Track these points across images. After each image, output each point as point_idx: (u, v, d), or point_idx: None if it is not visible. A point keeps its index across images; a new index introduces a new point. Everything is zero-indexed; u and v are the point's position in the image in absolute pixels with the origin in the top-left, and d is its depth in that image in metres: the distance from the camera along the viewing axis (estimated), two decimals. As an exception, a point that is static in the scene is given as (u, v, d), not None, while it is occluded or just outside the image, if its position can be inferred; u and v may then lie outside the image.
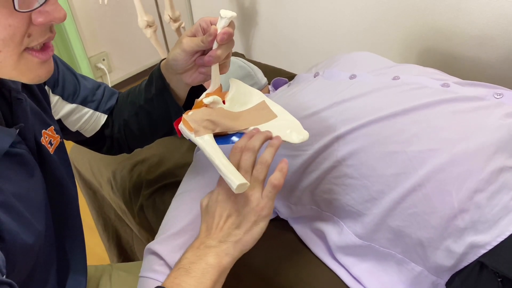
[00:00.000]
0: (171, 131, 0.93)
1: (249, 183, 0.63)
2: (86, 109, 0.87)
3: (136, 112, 0.88)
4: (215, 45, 0.70)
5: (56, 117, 0.83)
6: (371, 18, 1.81)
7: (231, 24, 0.69)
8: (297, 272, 0.90)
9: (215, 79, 0.75)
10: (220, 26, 0.68)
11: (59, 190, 0.73)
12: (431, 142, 0.75)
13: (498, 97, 0.81)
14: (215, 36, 0.68)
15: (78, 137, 0.92)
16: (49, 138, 0.73)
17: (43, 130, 0.72)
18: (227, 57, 0.75)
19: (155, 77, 0.83)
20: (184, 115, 0.71)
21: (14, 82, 0.66)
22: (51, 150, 0.72)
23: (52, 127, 0.75)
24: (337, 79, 0.96)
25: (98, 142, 0.94)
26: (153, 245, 0.86)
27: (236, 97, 0.78)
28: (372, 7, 1.78)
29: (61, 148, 0.76)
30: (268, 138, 0.70)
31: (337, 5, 1.90)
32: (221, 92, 0.77)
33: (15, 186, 0.60)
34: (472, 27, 1.53)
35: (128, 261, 1.43)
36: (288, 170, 0.87)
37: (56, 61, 0.83)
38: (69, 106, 0.84)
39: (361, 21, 1.85)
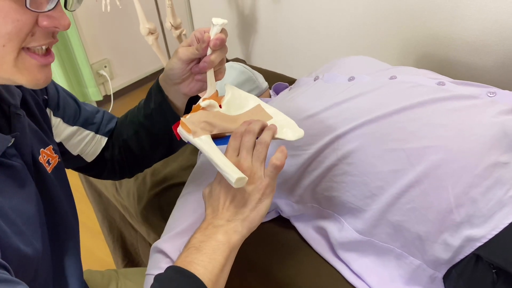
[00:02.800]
0: (171, 149, 0.95)
1: (247, 178, 0.65)
2: (87, 132, 0.88)
3: (136, 131, 0.89)
4: (209, 51, 0.73)
5: (58, 140, 0.84)
6: (369, 25, 1.84)
7: (223, 31, 0.72)
8: (299, 269, 0.92)
9: (211, 85, 0.77)
10: (213, 33, 0.71)
11: (55, 209, 0.73)
12: (427, 139, 0.78)
13: (491, 95, 0.83)
14: (208, 43, 0.71)
15: (79, 163, 0.92)
16: (47, 157, 0.73)
17: (42, 149, 0.72)
18: (221, 63, 0.77)
19: (153, 92, 0.85)
20: (182, 118, 0.73)
21: (13, 97, 0.67)
22: (48, 169, 0.73)
23: (51, 146, 0.75)
24: (336, 81, 0.98)
25: (98, 166, 0.94)
26: (159, 243, 0.88)
27: (232, 101, 0.80)
28: (369, 14, 1.81)
29: (59, 168, 0.76)
30: (265, 126, 0.73)
31: (335, 12, 1.92)
32: (217, 97, 0.79)
33: (7, 199, 0.60)
34: (468, 33, 1.55)
35: (132, 263, 1.45)
36: (288, 169, 0.90)
37: (57, 86, 0.85)
38: (70, 129, 0.85)
39: (359, 28, 1.88)
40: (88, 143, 0.89)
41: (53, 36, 0.59)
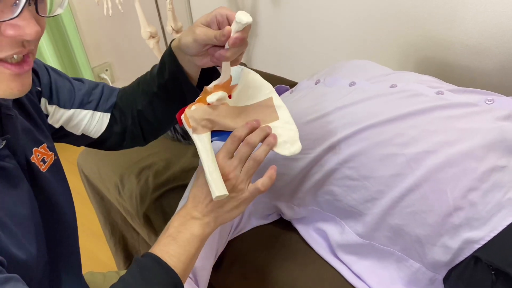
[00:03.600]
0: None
1: (228, 194, 0.68)
2: (85, 111, 0.86)
3: (150, 100, 0.87)
4: (226, 45, 0.70)
5: (57, 126, 0.83)
6: (369, 29, 1.85)
7: (245, 28, 0.67)
8: (300, 270, 0.94)
9: (225, 72, 0.74)
10: (234, 29, 0.67)
11: (52, 208, 0.73)
12: (427, 144, 0.79)
13: (489, 103, 0.85)
14: (228, 37, 0.68)
15: (86, 140, 0.90)
16: (41, 155, 0.72)
17: (34, 148, 0.71)
18: (240, 54, 0.74)
19: (167, 61, 0.81)
20: (186, 109, 0.73)
21: (4, 99, 0.65)
22: (43, 168, 0.72)
23: (45, 144, 0.74)
24: (338, 86, 0.99)
25: (107, 141, 0.92)
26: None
27: (243, 91, 0.78)
28: (370, 18, 1.82)
29: (55, 166, 0.76)
30: (267, 133, 0.74)
31: (336, 15, 1.93)
32: (230, 85, 0.77)
33: (0, 201, 0.59)
34: (468, 37, 1.56)
35: (134, 265, 1.46)
36: (290, 173, 0.91)
37: (49, 72, 0.83)
38: (67, 113, 0.84)
39: (359, 31, 1.89)
40: (89, 122, 0.87)
41: (23, 45, 0.55)
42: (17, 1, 0.51)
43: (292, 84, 1.59)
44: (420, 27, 1.68)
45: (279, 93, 1.34)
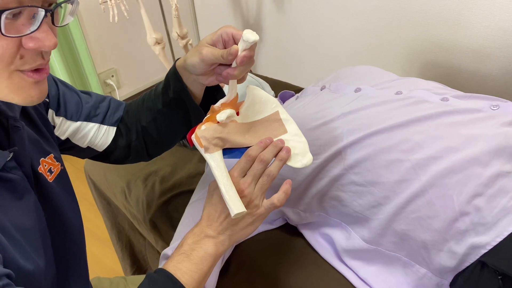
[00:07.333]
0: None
1: (246, 211, 0.69)
2: (91, 124, 0.87)
3: (154, 117, 0.88)
4: (234, 64, 0.71)
5: (63, 137, 0.84)
6: (374, 34, 1.85)
7: (252, 46, 0.69)
8: (306, 275, 0.94)
9: (232, 90, 0.76)
10: (241, 48, 0.68)
11: (59, 218, 0.73)
12: (432, 150, 0.79)
13: (495, 108, 0.85)
14: (235, 56, 0.69)
15: (91, 153, 0.91)
16: (48, 166, 0.73)
17: (42, 159, 0.72)
18: (246, 72, 0.76)
19: (171, 80, 0.83)
20: (196, 130, 0.74)
21: (12, 110, 0.67)
22: (50, 178, 0.73)
23: (52, 155, 0.75)
24: (343, 92, 1.00)
25: (112, 154, 0.93)
26: (168, 250, 0.90)
27: (250, 106, 0.80)
28: (373, 24, 1.82)
29: (62, 176, 0.76)
30: (280, 148, 0.74)
31: (340, 21, 1.94)
32: (237, 103, 0.79)
33: (5, 213, 0.60)
34: (472, 41, 1.56)
35: (140, 270, 1.46)
36: (296, 178, 0.92)
37: (57, 84, 0.83)
38: (73, 125, 0.84)
39: (364, 36, 1.90)
40: (95, 135, 0.88)
41: (43, 57, 0.57)
42: (35, 14, 0.53)
43: (297, 90, 1.60)
44: (425, 32, 1.68)
45: (285, 99, 1.35)
